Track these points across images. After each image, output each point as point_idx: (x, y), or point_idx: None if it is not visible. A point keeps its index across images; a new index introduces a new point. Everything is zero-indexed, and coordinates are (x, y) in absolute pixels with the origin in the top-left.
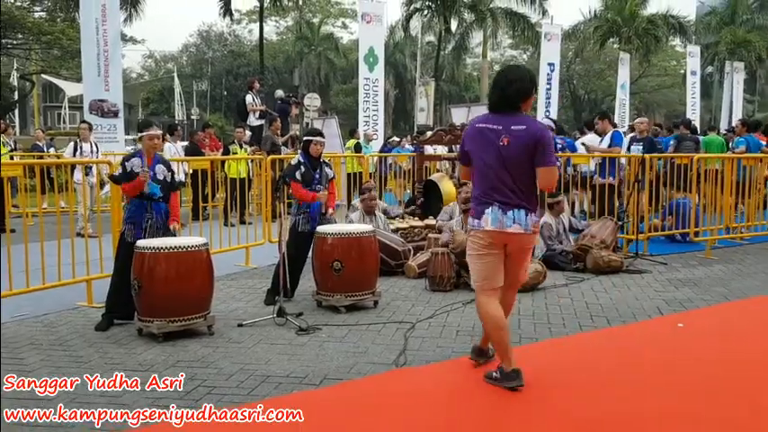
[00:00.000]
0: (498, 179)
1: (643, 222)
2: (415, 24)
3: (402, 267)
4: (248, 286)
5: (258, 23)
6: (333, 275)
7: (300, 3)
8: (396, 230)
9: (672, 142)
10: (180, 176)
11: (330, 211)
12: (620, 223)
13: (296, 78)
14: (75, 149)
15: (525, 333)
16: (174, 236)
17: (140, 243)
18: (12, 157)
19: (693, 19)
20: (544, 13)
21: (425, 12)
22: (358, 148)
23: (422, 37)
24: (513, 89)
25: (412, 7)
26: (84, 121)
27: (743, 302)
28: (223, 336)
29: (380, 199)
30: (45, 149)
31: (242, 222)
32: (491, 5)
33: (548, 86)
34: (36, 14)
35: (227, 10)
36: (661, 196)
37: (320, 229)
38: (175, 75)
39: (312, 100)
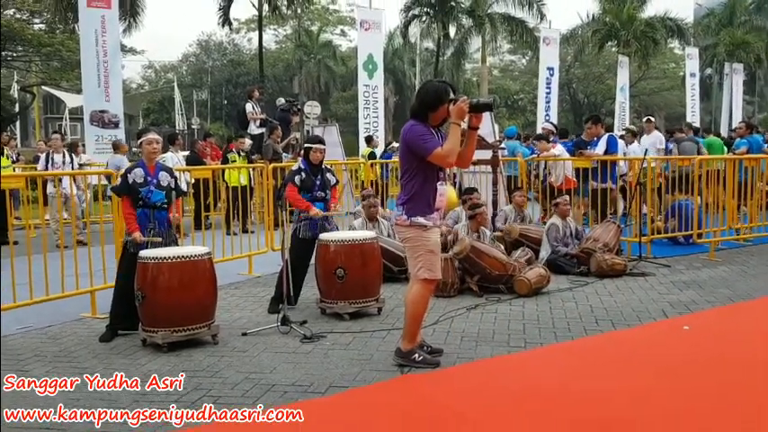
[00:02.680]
0: None
1: (646, 225)
2: (414, 31)
3: (405, 273)
4: (252, 295)
5: (257, 32)
6: (336, 283)
7: (299, 11)
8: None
9: (671, 146)
10: (182, 186)
11: (331, 210)
12: (622, 226)
13: (296, 86)
14: (47, 161)
15: (530, 338)
16: (176, 243)
17: (143, 253)
18: (14, 170)
19: (691, 21)
20: (542, 17)
21: (423, 18)
22: (373, 156)
23: (420, 43)
24: (416, 101)
25: (410, 14)
26: (55, 132)
27: (748, 304)
28: (227, 345)
29: (383, 206)
30: None
31: (244, 231)
32: (489, 11)
33: (547, 91)
34: (35, 26)
35: (225, 19)
36: (663, 198)
37: (323, 236)
38: (175, 84)
39: (312, 108)
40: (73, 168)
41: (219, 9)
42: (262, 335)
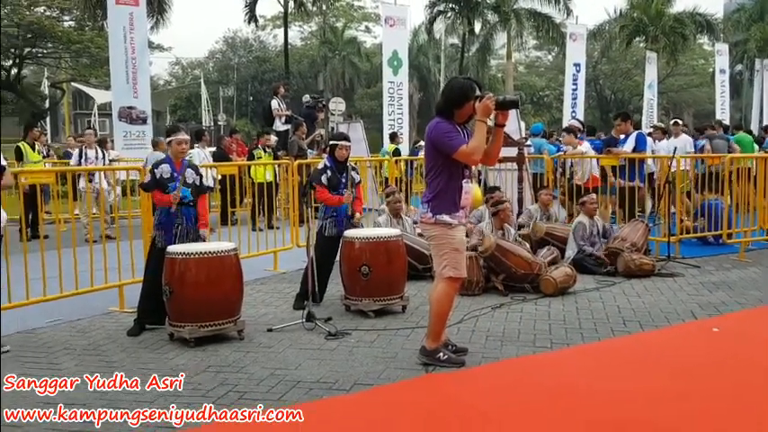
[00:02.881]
0: None
1: (674, 224)
2: (439, 27)
3: (430, 271)
4: (277, 291)
5: (283, 29)
6: (361, 280)
7: (324, 8)
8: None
9: (704, 142)
10: (209, 182)
11: (357, 215)
12: (650, 225)
13: (320, 83)
14: (81, 156)
15: (557, 338)
16: (204, 241)
17: (171, 249)
18: (45, 165)
19: (721, 17)
20: (568, 13)
21: (449, 14)
22: (397, 153)
23: (445, 39)
24: (441, 99)
25: (435, 10)
26: (88, 128)
27: None
28: (253, 340)
29: (407, 202)
30: None
31: (270, 227)
32: (515, 6)
33: (574, 87)
34: (65, 24)
35: (251, 16)
36: (693, 197)
37: (348, 233)
38: (202, 81)
39: (337, 104)
40: (104, 164)
41: (246, 6)
42: (287, 331)
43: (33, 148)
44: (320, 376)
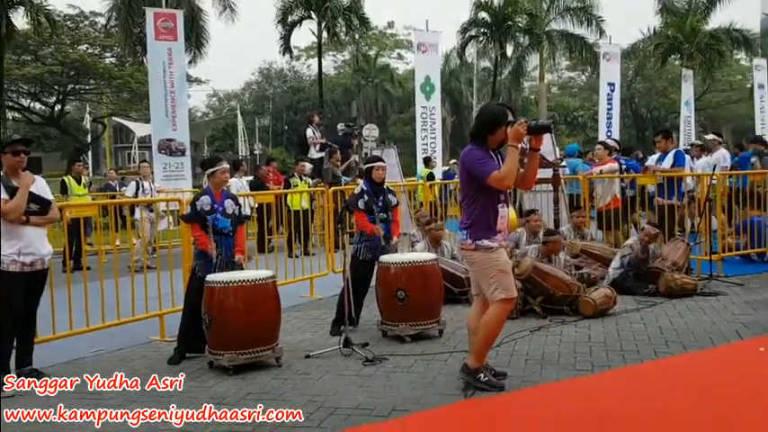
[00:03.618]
0: None
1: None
2: (471, 51)
3: (466, 295)
4: (314, 317)
5: (317, 59)
6: (397, 305)
7: (357, 37)
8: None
9: (753, 159)
10: (246, 211)
11: (395, 239)
12: (691, 244)
13: (354, 110)
14: (138, 188)
15: (597, 361)
16: (241, 268)
17: (210, 278)
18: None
19: (758, 32)
20: (601, 33)
21: (480, 38)
22: (431, 177)
23: (477, 63)
24: (474, 125)
25: (467, 35)
26: (144, 161)
27: None
28: (291, 367)
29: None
30: (117, 188)
31: (306, 254)
32: (547, 29)
33: (608, 107)
34: (107, 60)
35: (286, 47)
36: (734, 214)
37: (383, 258)
38: (239, 112)
39: (371, 131)
40: (153, 195)
41: (281, 38)
42: (324, 357)
43: (78, 182)
44: (358, 402)
